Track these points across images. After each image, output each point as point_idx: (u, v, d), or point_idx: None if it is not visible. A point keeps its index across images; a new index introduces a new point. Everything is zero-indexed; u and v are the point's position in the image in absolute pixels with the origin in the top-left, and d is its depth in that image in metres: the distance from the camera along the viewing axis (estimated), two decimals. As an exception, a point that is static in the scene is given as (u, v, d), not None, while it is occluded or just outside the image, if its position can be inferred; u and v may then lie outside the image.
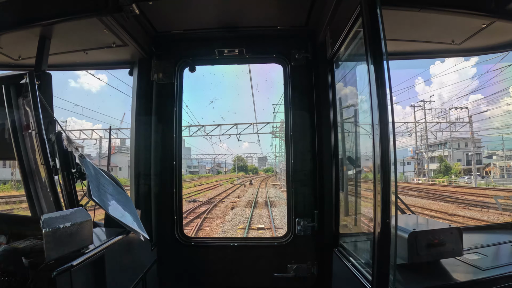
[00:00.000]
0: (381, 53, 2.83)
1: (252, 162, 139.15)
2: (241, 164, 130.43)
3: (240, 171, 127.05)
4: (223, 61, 5.37)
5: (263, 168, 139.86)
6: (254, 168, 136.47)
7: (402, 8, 3.60)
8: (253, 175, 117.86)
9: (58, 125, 3.65)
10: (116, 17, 3.92)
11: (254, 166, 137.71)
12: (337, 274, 4.45)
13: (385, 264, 2.78)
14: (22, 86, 3.53)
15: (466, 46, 4.75)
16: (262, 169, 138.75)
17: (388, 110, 2.73)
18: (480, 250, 3.69)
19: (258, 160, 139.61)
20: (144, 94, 5.09)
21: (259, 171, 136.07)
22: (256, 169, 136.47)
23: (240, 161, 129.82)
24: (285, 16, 4.75)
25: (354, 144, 4.49)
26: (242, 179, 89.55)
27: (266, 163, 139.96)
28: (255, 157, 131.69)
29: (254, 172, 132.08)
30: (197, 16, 4.70)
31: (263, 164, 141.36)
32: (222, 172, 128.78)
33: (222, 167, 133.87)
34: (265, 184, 68.35)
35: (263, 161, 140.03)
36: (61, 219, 2.59)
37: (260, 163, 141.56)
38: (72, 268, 2.61)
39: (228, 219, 25.00)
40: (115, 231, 3.70)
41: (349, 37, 3.81)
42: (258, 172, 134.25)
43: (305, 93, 5.09)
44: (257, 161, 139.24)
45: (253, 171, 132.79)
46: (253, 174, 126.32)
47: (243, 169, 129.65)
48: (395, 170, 2.75)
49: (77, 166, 3.56)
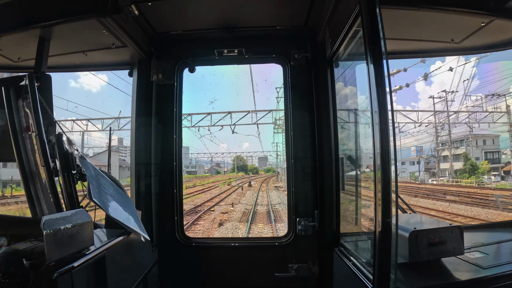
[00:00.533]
0: (381, 52, 2.83)
1: (252, 162, 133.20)
2: (240, 164, 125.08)
3: (240, 171, 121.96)
4: (222, 61, 5.37)
5: (264, 168, 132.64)
6: (254, 168, 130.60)
7: (401, 7, 3.61)
8: (253, 175, 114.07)
9: (58, 127, 3.66)
10: (116, 18, 3.92)
11: (254, 166, 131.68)
12: (338, 274, 4.45)
13: (386, 263, 2.78)
14: (22, 88, 3.53)
15: (465, 44, 4.76)
16: (263, 169, 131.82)
17: (387, 109, 2.73)
18: (481, 248, 3.69)
19: (259, 160, 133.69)
20: (144, 95, 5.09)
21: (259, 171, 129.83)
22: (256, 169, 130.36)
23: (239, 160, 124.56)
24: (284, 16, 4.75)
25: (354, 143, 4.50)
26: (241, 179, 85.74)
27: (266, 163, 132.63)
28: (255, 156, 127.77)
29: (254, 172, 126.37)
30: (196, 17, 4.70)
31: (263, 164, 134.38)
32: (221, 172, 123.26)
33: (221, 167, 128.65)
34: (266, 186, 61.32)
35: (263, 161, 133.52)
36: (62, 220, 2.59)
37: (261, 163, 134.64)
38: (73, 270, 2.61)
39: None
40: (116, 232, 3.70)
41: (348, 37, 3.81)
42: (259, 172, 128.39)
43: (305, 93, 5.09)
44: (258, 161, 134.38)
45: (253, 171, 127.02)
46: (253, 174, 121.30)
47: (242, 169, 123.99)
48: (395, 169, 2.75)
49: (78, 167, 3.56)
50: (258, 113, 45.85)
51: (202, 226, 22.53)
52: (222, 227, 22.07)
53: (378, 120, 2.75)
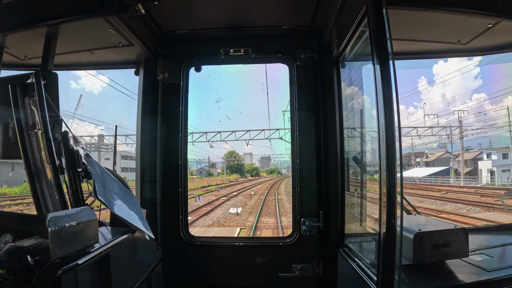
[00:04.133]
0: (387, 53, 2.81)
1: (251, 160, 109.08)
2: (233, 163, 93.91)
3: (233, 172, 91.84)
4: (228, 60, 5.39)
5: (267, 168, 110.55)
6: (253, 168, 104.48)
7: (408, 7, 3.58)
8: (253, 178, 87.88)
9: (64, 124, 3.68)
10: (122, 17, 3.93)
11: (253, 166, 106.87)
12: (342, 274, 4.44)
13: (390, 264, 2.77)
14: (28, 85, 3.56)
15: (472, 46, 4.73)
16: (266, 169, 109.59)
17: (394, 110, 2.72)
18: (486, 251, 3.67)
19: (261, 160, 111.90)
20: (150, 93, 5.10)
21: (260, 172, 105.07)
22: (257, 169, 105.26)
23: (233, 158, 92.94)
24: (291, 16, 4.75)
25: (359, 144, 4.48)
26: (231, 186, 57.78)
27: (269, 163, 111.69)
28: (257, 156, 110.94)
29: (254, 174, 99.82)
30: (202, 16, 4.71)
31: (266, 164, 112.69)
32: (214, 174, 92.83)
33: (218, 167, 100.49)
34: (280, 203, 33.16)
35: (266, 161, 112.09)
36: (67, 218, 2.61)
37: (263, 163, 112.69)
38: (77, 267, 2.62)
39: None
40: (121, 230, 3.72)
41: (354, 37, 3.81)
42: (260, 174, 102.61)
43: (311, 93, 5.09)
44: (259, 161, 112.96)
45: (253, 173, 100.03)
46: (252, 176, 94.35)
47: (238, 170, 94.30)
48: (400, 170, 2.75)
49: (83, 165, 3.58)
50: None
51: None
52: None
53: (384, 121, 2.74)
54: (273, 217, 26.11)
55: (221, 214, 27.39)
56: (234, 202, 35.18)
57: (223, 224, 23.78)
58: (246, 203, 34.66)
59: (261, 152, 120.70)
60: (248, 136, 52.40)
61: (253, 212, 28.48)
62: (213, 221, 25.02)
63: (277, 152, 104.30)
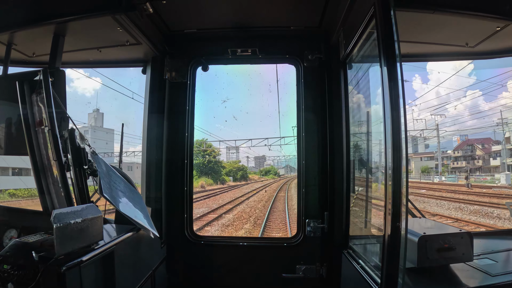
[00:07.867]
0: (394, 55, 2.81)
1: (238, 156, 78.61)
2: (203, 160, 61.08)
3: (203, 175, 59.46)
4: (236, 60, 5.39)
5: (261, 168, 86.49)
6: (240, 168, 71.63)
7: (416, 10, 3.57)
8: (237, 184, 58.19)
9: (71, 122, 3.69)
10: (130, 15, 3.94)
11: (240, 165, 74.40)
12: (346, 276, 4.43)
13: (394, 267, 2.76)
14: (36, 82, 3.58)
15: (480, 49, 4.71)
16: (259, 169, 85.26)
17: (400, 112, 2.71)
18: (491, 255, 3.65)
19: (255, 160, 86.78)
20: (157, 92, 5.11)
21: (250, 174, 74.42)
22: (244, 169, 72.86)
23: (201, 151, 61.24)
24: (299, 17, 4.75)
25: (366, 145, 4.47)
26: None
27: (264, 162, 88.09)
28: (251, 157, 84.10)
29: (239, 177, 67.63)
30: (210, 16, 4.71)
31: (260, 164, 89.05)
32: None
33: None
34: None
35: (260, 161, 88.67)
36: (72, 214, 2.62)
37: (257, 164, 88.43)
38: (81, 264, 2.63)
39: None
40: (125, 228, 3.73)
41: (362, 39, 3.79)
42: (249, 177, 71.58)
43: (318, 94, 5.08)
44: (253, 160, 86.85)
45: (237, 175, 67.73)
46: (235, 181, 63.94)
47: (211, 172, 61.47)
48: (406, 173, 2.74)
49: (89, 162, 3.60)
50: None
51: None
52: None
53: (390, 123, 2.74)
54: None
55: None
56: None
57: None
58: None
59: (260, 153, 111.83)
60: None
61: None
62: None
63: (286, 153, 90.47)
